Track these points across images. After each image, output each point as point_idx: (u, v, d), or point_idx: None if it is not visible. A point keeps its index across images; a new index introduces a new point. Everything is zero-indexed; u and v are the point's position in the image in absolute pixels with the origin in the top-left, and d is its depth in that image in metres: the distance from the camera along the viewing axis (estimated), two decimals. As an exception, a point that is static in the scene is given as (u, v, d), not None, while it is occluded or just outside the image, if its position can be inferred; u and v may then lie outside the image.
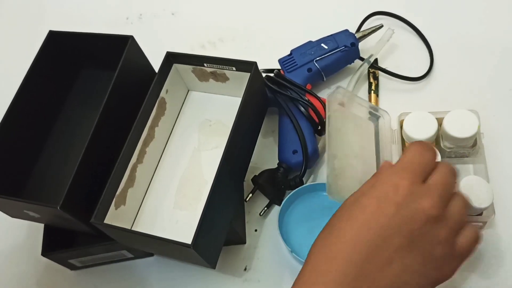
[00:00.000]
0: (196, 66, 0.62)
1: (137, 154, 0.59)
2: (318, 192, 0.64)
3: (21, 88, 0.61)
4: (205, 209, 0.50)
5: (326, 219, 0.62)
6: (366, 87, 0.72)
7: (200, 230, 0.49)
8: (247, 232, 0.64)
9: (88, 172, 0.55)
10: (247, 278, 0.62)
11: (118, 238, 0.57)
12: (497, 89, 0.69)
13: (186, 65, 0.63)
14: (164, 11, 0.87)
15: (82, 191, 0.54)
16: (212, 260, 0.55)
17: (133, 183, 0.59)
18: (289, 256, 0.62)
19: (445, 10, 0.77)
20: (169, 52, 0.62)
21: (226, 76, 0.62)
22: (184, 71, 0.64)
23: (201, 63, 0.61)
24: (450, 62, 0.73)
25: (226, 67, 0.60)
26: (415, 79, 0.71)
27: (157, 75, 0.61)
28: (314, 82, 0.70)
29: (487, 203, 0.54)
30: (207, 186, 0.52)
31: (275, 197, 0.64)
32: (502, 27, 0.74)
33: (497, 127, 0.65)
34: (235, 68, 0.60)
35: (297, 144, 0.64)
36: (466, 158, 0.62)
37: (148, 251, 0.64)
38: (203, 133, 0.64)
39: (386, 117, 0.66)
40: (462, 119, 0.59)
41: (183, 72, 0.64)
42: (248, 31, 0.81)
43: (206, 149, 0.63)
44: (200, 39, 0.82)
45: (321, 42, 0.70)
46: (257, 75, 0.59)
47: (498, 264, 0.58)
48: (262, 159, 0.69)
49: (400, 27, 0.76)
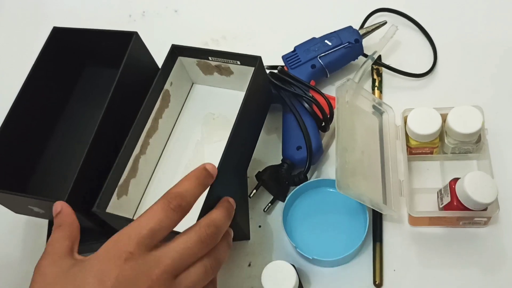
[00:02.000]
0: (201, 59, 0.62)
1: (140, 145, 0.59)
2: (322, 188, 0.64)
3: (25, 85, 0.61)
4: (206, 201, 0.50)
5: (330, 215, 0.63)
6: (369, 83, 0.72)
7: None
8: (251, 228, 0.64)
9: (92, 168, 0.55)
10: (251, 274, 0.62)
11: (120, 227, 0.57)
12: (501, 85, 0.69)
13: (190, 58, 0.63)
14: (166, 8, 0.87)
15: (86, 187, 0.54)
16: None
17: (136, 174, 0.59)
18: (294, 252, 0.62)
19: (448, 7, 0.77)
20: (174, 45, 0.62)
21: (231, 70, 0.62)
22: (188, 64, 0.64)
23: (206, 57, 0.62)
24: (454, 59, 0.73)
25: (230, 61, 0.60)
26: (418, 76, 0.71)
27: (161, 67, 0.61)
28: (318, 79, 0.70)
29: (492, 199, 0.54)
30: None
31: (279, 193, 0.64)
32: (506, 24, 0.74)
33: (501, 123, 0.65)
34: (240, 62, 0.60)
35: (301, 140, 0.64)
36: (470, 154, 0.62)
37: None
38: (207, 126, 0.65)
39: (390, 112, 0.66)
40: (466, 115, 0.59)
41: (187, 65, 0.65)
42: (251, 27, 0.81)
43: (209, 142, 0.63)
44: (203, 37, 0.82)
45: (325, 39, 0.70)
46: (261, 69, 0.59)
47: (502, 259, 0.58)
48: (266, 155, 0.69)
49: (403, 24, 0.76)
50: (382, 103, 0.67)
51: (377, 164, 0.63)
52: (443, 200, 0.58)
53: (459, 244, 0.60)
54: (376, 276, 0.59)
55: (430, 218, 0.60)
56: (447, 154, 0.63)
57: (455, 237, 0.60)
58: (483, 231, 0.60)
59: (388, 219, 0.62)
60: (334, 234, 0.61)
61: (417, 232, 0.61)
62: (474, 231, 0.60)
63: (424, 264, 0.59)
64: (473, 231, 0.60)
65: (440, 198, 0.60)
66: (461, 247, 0.59)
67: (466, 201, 0.55)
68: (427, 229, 0.61)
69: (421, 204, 0.62)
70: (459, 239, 0.60)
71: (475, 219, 0.58)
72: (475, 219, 0.58)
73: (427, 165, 0.64)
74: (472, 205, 0.55)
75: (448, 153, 0.63)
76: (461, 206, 0.56)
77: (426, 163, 0.65)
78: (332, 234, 0.61)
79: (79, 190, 0.53)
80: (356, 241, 0.59)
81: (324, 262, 0.59)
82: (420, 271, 0.59)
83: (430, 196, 0.62)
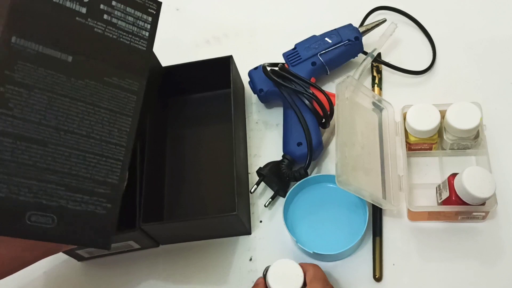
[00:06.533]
0: None
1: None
2: (322, 184, 0.65)
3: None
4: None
5: (331, 210, 0.63)
6: (369, 80, 0.73)
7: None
8: (253, 223, 0.65)
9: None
10: (252, 269, 0.63)
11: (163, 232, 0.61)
12: (498, 82, 0.70)
13: None
14: (168, 6, 0.88)
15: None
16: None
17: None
18: (294, 247, 0.62)
19: (447, 5, 0.78)
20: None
21: None
22: None
23: None
24: (453, 56, 0.73)
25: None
26: (418, 73, 0.72)
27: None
28: (318, 76, 0.71)
29: (490, 193, 0.55)
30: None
31: (280, 189, 0.65)
32: (503, 21, 0.75)
33: (499, 119, 0.66)
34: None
35: (302, 137, 0.65)
36: (469, 149, 0.63)
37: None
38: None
39: (389, 109, 0.67)
40: (464, 111, 0.60)
41: None
42: (253, 25, 0.82)
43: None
44: (205, 35, 0.83)
45: (325, 36, 0.71)
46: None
47: (500, 253, 0.59)
48: (267, 151, 0.70)
49: (403, 22, 0.77)
50: (381, 100, 0.68)
51: (377, 159, 0.64)
52: (442, 195, 0.59)
53: (457, 238, 0.60)
54: (376, 270, 0.59)
55: (429, 213, 0.60)
56: (445, 150, 0.64)
57: (453, 232, 0.61)
58: (481, 226, 0.61)
59: (387, 214, 0.63)
60: (334, 229, 0.62)
61: (416, 226, 0.62)
62: (473, 226, 0.61)
63: (423, 258, 0.60)
64: (471, 225, 0.61)
65: (439, 193, 0.61)
66: (459, 242, 0.60)
67: (465, 196, 0.56)
68: (426, 223, 0.62)
69: (420, 199, 0.63)
70: (458, 233, 0.61)
71: (473, 214, 0.58)
72: (473, 213, 0.58)
73: (426, 161, 0.65)
74: (470, 199, 0.55)
75: (446, 149, 0.64)
76: (460, 201, 0.57)
77: (425, 159, 0.65)
78: (332, 228, 0.62)
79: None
80: (356, 235, 0.59)
81: (324, 256, 0.60)
82: (419, 265, 0.60)
83: (429, 191, 0.63)
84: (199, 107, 0.74)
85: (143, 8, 0.50)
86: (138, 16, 0.49)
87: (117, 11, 0.48)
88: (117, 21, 0.48)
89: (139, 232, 0.60)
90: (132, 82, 0.48)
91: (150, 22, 0.50)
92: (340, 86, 0.62)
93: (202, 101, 0.74)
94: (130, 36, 0.49)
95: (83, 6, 0.46)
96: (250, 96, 0.75)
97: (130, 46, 0.49)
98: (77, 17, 0.46)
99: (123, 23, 0.49)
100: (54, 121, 0.44)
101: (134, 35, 0.49)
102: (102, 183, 0.46)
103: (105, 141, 0.47)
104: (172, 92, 0.73)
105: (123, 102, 0.48)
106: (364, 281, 0.60)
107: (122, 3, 0.48)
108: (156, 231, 0.62)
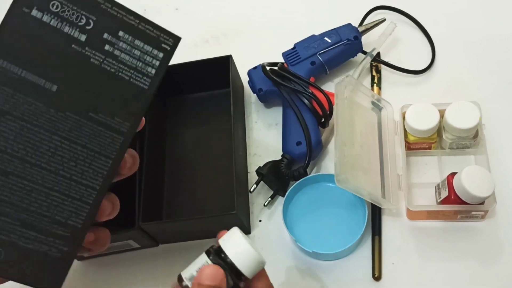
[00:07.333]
0: None
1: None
2: (322, 183, 0.65)
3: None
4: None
5: (330, 210, 0.63)
6: (368, 80, 0.73)
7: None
8: (252, 222, 0.65)
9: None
10: (251, 268, 0.63)
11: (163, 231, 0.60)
12: (498, 81, 0.70)
13: None
14: (167, 6, 0.88)
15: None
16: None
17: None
18: (293, 246, 0.63)
19: (446, 4, 0.78)
20: None
21: None
22: None
23: None
24: (452, 55, 0.73)
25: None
26: (417, 72, 0.72)
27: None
28: (317, 75, 0.71)
29: (489, 192, 0.55)
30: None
31: (279, 188, 0.65)
32: (503, 21, 0.75)
33: (498, 118, 0.66)
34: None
35: (301, 136, 0.65)
36: (468, 149, 0.63)
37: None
38: None
39: (389, 108, 0.67)
40: (464, 111, 0.60)
41: None
42: (252, 25, 0.82)
43: None
44: (204, 34, 0.83)
45: (324, 36, 0.71)
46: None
47: (499, 253, 0.59)
48: (266, 150, 0.70)
49: (402, 21, 0.77)
50: (381, 99, 0.68)
51: (376, 159, 0.64)
52: (441, 194, 0.59)
53: (456, 237, 0.60)
54: (375, 269, 0.60)
55: (428, 212, 0.61)
56: (445, 149, 0.64)
57: (453, 231, 0.61)
58: (480, 225, 0.61)
59: (386, 213, 0.63)
60: (333, 228, 0.62)
61: (416, 226, 0.62)
62: (472, 225, 0.61)
63: (422, 257, 0.60)
64: (470, 224, 0.61)
65: (438, 193, 0.61)
66: (458, 241, 0.60)
67: (464, 195, 0.56)
68: (425, 223, 0.62)
69: (419, 198, 0.63)
70: (457, 232, 0.61)
71: (472, 213, 0.59)
72: (472, 213, 0.58)
73: (425, 160, 0.65)
74: (469, 199, 0.56)
75: (446, 148, 0.64)
76: (459, 200, 0.57)
77: (424, 158, 0.65)
78: (331, 228, 0.62)
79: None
80: (355, 234, 0.59)
81: (323, 256, 0.60)
82: (419, 264, 0.60)
83: (428, 191, 0.63)
84: (198, 106, 0.74)
85: (156, 43, 0.45)
86: (146, 51, 0.44)
87: (122, 43, 0.43)
88: (120, 53, 0.43)
89: (138, 231, 0.60)
90: (121, 122, 0.44)
91: (160, 58, 0.45)
92: (339, 85, 0.62)
93: (201, 101, 0.74)
94: (132, 72, 0.44)
95: (84, 33, 0.42)
96: (250, 96, 0.75)
97: (129, 82, 0.44)
98: (74, 45, 0.42)
99: (126, 56, 0.44)
100: (22, 152, 0.41)
101: (138, 71, 0.44)
102: (62, 224, 0.42)
103: (75, 181, 0.43)
104: (171, 92, 0.73)
105: (106, 142, 0.43)
106: (363, 280, 0.60)
107: (131, 35, 0.44)
108: (155, 230, 0.62)
